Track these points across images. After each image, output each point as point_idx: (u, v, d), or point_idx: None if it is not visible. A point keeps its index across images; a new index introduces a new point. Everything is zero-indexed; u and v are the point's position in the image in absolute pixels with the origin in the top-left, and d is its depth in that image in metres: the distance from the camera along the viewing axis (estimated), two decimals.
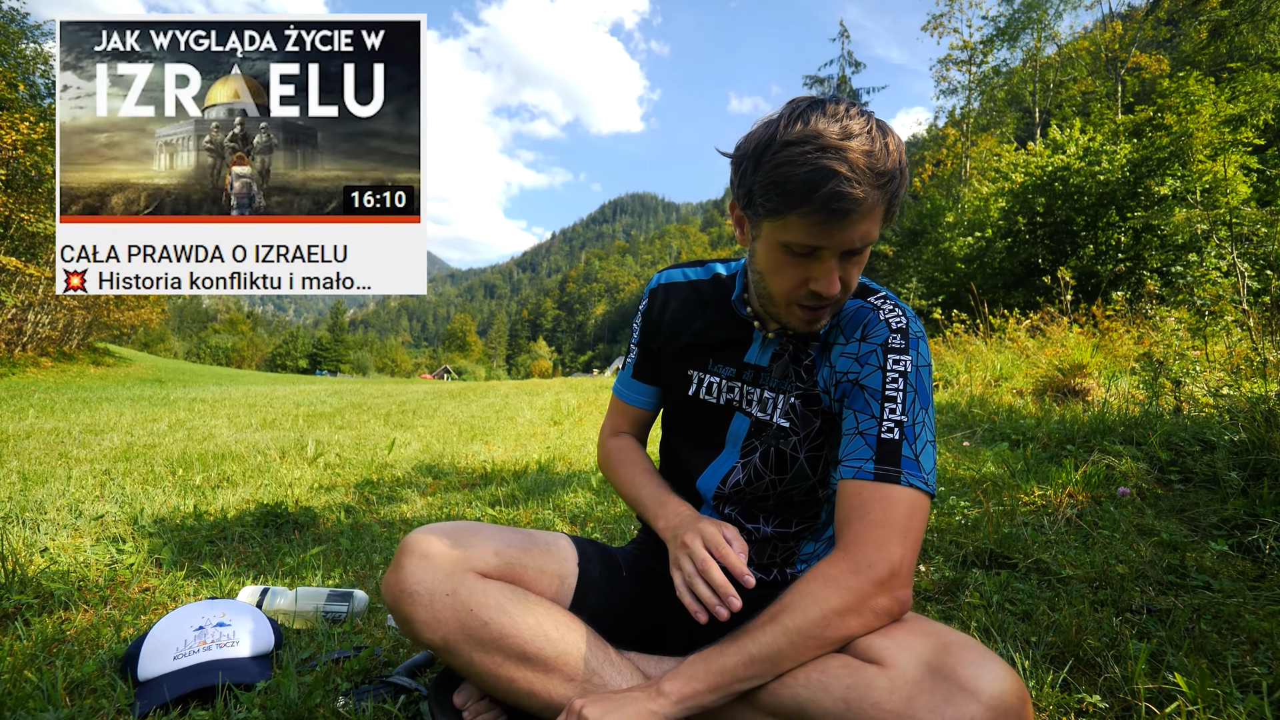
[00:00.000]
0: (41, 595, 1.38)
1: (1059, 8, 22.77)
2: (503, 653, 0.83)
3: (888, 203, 0.79)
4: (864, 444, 0.84)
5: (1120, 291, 9.35)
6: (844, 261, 0.82)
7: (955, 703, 0.66)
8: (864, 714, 0.70)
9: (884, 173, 0.76)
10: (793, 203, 0.77)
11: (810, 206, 0.76)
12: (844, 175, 0.74)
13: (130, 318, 18.56)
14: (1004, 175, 13.98)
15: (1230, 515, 1.73)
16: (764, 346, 0.99)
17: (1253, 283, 5.03)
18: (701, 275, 1.08)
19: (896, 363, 0.86)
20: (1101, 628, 1.20)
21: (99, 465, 3.06)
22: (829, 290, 0.82)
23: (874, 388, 0.86)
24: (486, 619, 0.84)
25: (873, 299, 0.93)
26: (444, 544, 0.88)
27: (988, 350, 5.94)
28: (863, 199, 0.75)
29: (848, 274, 0.84)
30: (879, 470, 0.81)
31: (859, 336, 0.90)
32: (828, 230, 0.78)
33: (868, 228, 0.79)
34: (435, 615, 0.84)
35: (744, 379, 1.00)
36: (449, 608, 0.84)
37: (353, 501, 2.46)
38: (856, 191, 0.74)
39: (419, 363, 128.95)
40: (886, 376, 0.86)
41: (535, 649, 0.84)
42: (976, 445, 3.10)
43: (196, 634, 1.06)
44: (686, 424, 1.08)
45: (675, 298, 1.08)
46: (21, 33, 13.94)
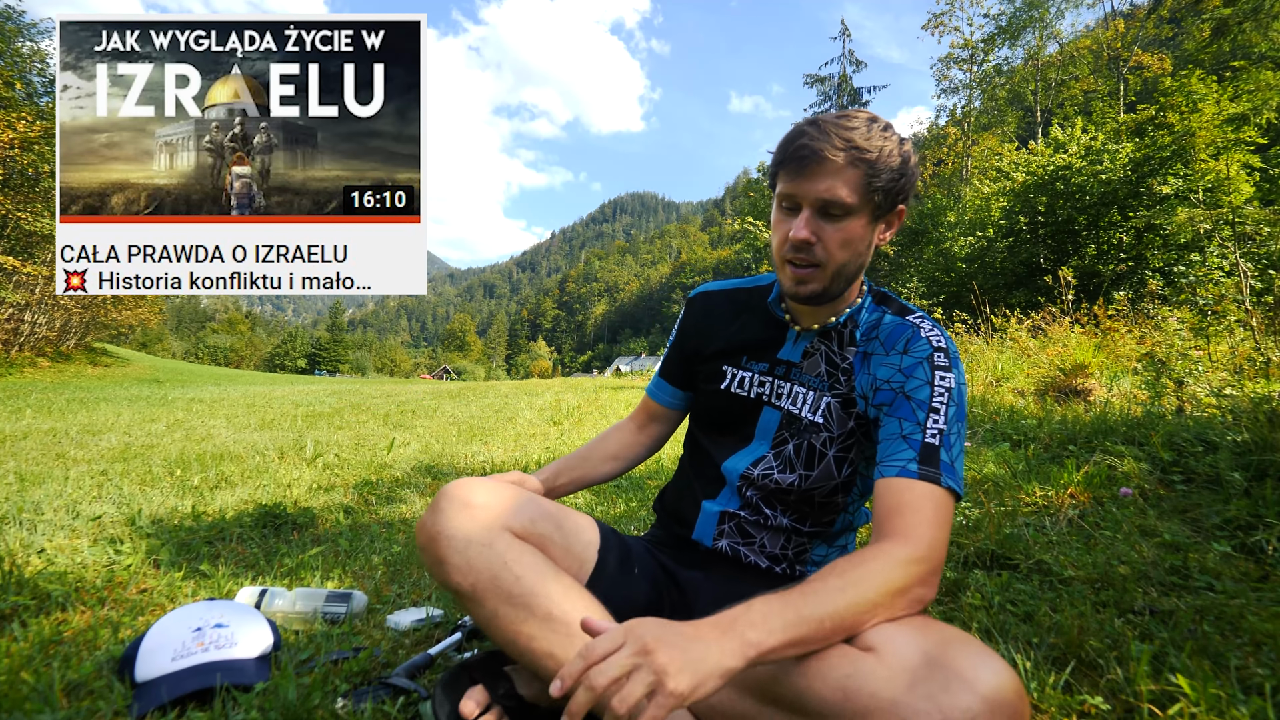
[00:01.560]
0: (39, 596, 1.38)
1: (1060, 6, 22.77)
2: (529, 610, 0.85)
3: (866, 177, 0.89)
4: (907, 446, 0.89)
5: (1122, 291, 9.35)
6: (820, 221, 0.92)
7: (952, 692, 0.66)
8: (861, 703, 0.70)
9: (857, 146, 0.88)
10: (778, 160, 0.94)
11: (784, 157, 0.92)
12: (810, 133, 0.90)
13: (128, 318, 18.55)
14: (1005, 174, 13.98)
15: (1233, 516, 1.73)
16: (796, 343, 1.06)
17: (1255, 282, 5.02)
18: (740, 284, 1.17)
19: (943, 379, 0.93)
20: (1103, 629, 1.19)
21: (96, 466, 3.06)
22: (798, 234, 0.91)
23: (921, 399, 0.92)
24: (519, 574, 0.86)
25: (911, 318, 1.01)
26: (486, 498, 0.91)
27: (989, 350, 5.93)
28: (821, 151, 0.88)
29: (824, 234, 0.92)
30: (923, 470, 0.86)
31: (900, 350, 0.97)
32: (798, 180, 0.91)
33: (833, 184, 0.89)
34: (469, 562, 0.86)
35: (776, 374, 1.06)
36: (484, 558, 0.86)
37: (351, 502, 2.46)
38: (817, 145, 0.89)
39: (418, 363, 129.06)
40: (934, 390, 0.92)
41: (561, 612, 0.85)
42: (978, 445, 3.10)
43: (194, 635, 1.05)
44: (718, 416, 1.12)
45: (711, 304, 1.17)
46: (18, 30, 13.95)
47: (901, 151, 0.92)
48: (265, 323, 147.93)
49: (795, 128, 0.93)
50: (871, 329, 1.02)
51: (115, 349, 23.93)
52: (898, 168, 0.91)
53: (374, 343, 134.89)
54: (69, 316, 16.74)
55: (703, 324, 1.16)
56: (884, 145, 0.90)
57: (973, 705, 0.65)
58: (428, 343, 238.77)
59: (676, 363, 1.20)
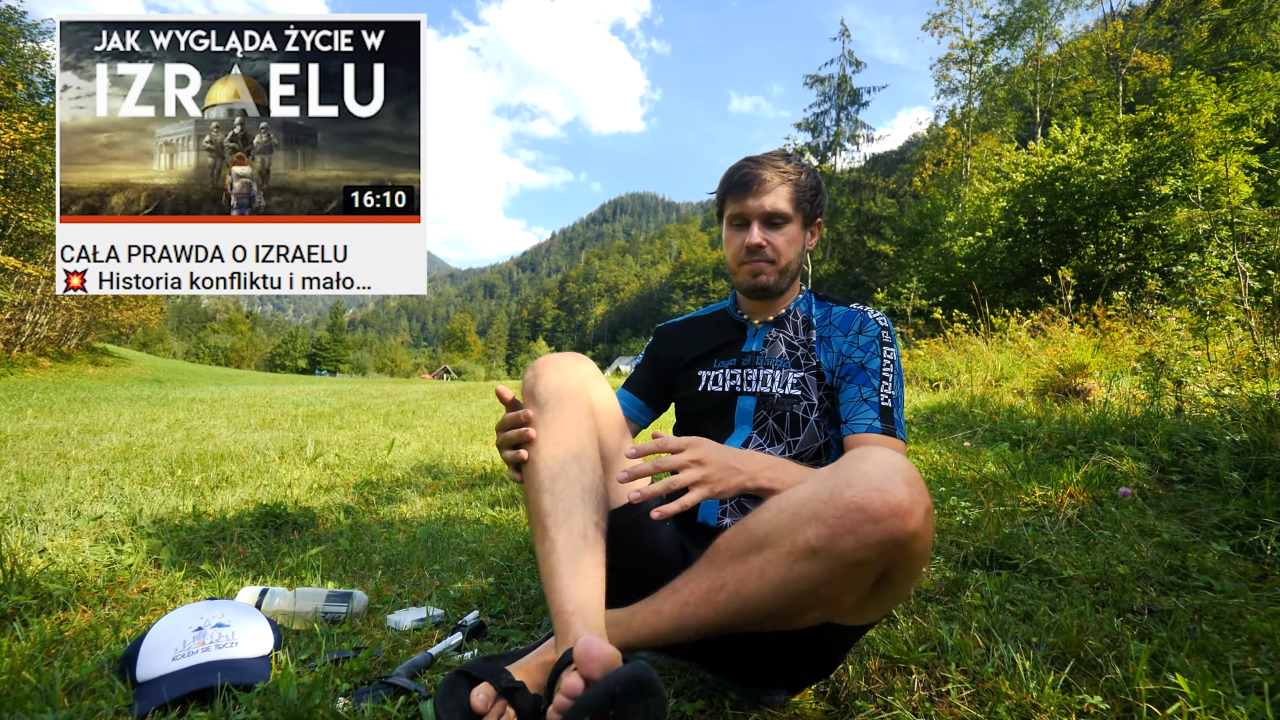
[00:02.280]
0: (40, 596, 1.38)
1: (1060, 7, 22.77)
2: (587, 439, 1.01)
3: (796, 193, 1.19)
4: (869, 408, 1.11)
5: (1121, 291, 9.35)
6: (767, 230, 1.19)
7: (855, 486, 0.76)
8: (776, 527, 0.80)
9: (785, 170, 1.19)
10: (725, 188, 1.23)
11: (732, 184, 1.21)
12: (749, 165, 1.20)
13: (129, 318, 18.53)
14: (1005, 175, 13.99)
15: (1232, 516, 1.73)
16: (756, 335, 1.27)
17: (1254, 282, 5.03)
18: (698, 313, 1.40)
19: (889, 353, 1.17)
20: (1103, 628, 1.20)
21: (97, 465, 3.06)
22: (751, 240, 1.18)
23: (874, 369, 1.14)
24: (593, 409, 1.05)
25: (854, 306, 1.25)
26: (577, 372, 1.08)
27: (988, 350, 5.94)
28: (760, 175, 1.18)
29: (772, 239, 1.19)
30: (884, 426, 1.09)
31: (856, 330, 1.20)
32: (744, 199, 1.19)
33: (774, 200, 1.17)
34: (564, 378, 1.04)
35: (743, 364, 1.24)
36: (577, 378, 1.05)
37: (352, 502, 2.46)
38: (757, 171, 1.18)
39: (418, 363, 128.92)
40: (884, 362, 1.15)
41: (600, 457, 1.02)
42: (977, 445, 3.10)
43: (195, 634, 1.06)
44: (700, 415, 1.27)
45: (678, 329, 1.39)
46: (19, 31, 13.92)
47: (814, 175, 1.24)
48: (266, 323, 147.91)
49: (737, 163, 1.22)
50: (826, 317, 1.25)
51: (116, 349, 23.92)
52: (815, 186, 1.22)
53: (374, 343, 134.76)
54: (70, 316, 16.73)
55: (674, 343, 1.36)
56: (801, 171, 1.21)
57: (871, 498, 0.74)
58: (428, 343, 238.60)
59: (648, 380, 1.36)
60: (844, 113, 26.69)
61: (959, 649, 1.13)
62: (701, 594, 0.84)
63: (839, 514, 0.74)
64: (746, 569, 0.81)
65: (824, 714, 1.00)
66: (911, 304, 14.88)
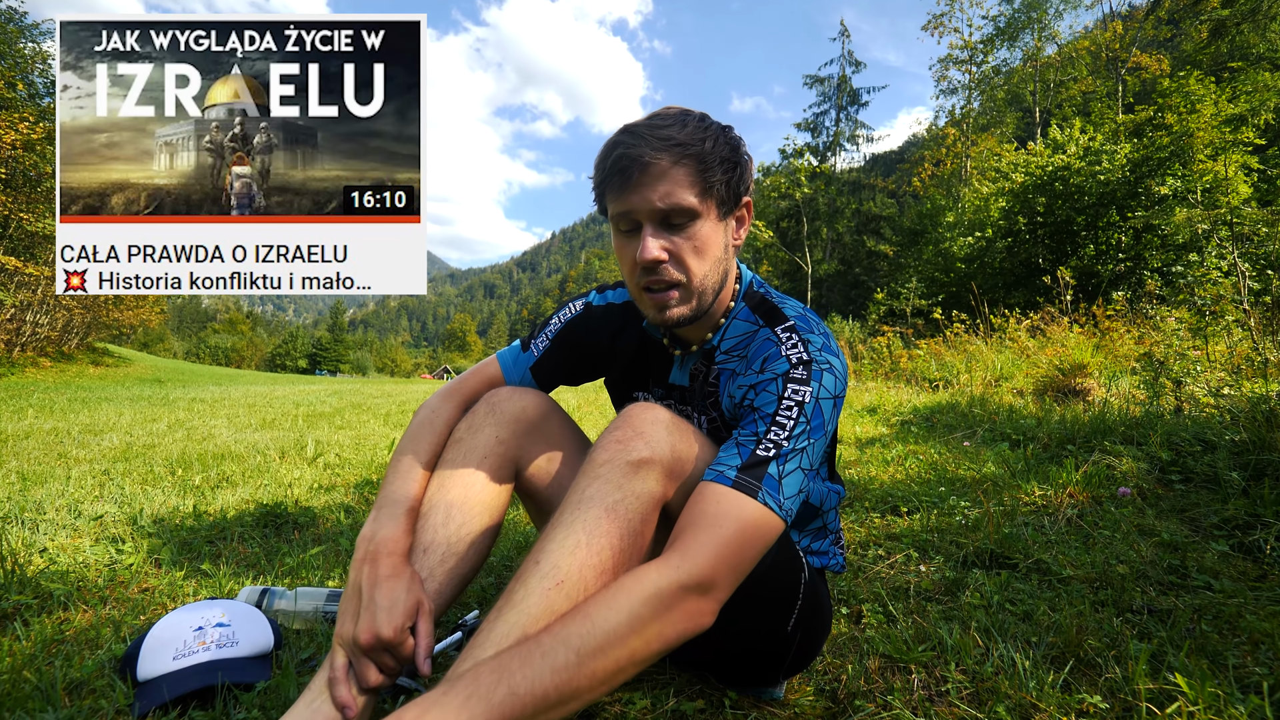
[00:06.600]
0: (40, 595, 1.38)
1: (1059, 7, 22.78)
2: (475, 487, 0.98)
3: (698, 172, 0.83)
4: (736, 453, 0.81)
5: (1121, 291, 9.36)
6: (666, 235, 0.85)
7: (632, 448, 0.78)
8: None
9: (677, 142, 0.81)
10: (600, 178, 0.87)
11: (606, 173, 0.85)
12: (626, 141, 0.82)
13: (129, 318, 18.55)
14: (1004, 175, 13.99)
15: (1231, 515, 1.73)
16: (682, 366, 1.03)
17: (1253, 283, 5.02)
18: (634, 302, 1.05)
19: (796, 392, 0.84)
20: (1102, 628, 1.20)
21: (98, 465, 3.06)
22: (644, 255, 0.83)
23: (766, 411, 0.84)
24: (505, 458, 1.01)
25: (779, 329, 0.91)
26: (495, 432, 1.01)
27: (988, 350, 5.94)
28: (641, 157, 0.81)
29: (674, 248, 0.85)
30: (740, 479, 0.78)
31: (758, 369, 0.89)
32: (626, 194, 0.83)
33: (668, 189, 0.82)
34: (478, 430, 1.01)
35: (673, 396, 1.06)
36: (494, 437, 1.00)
37: (352, 501, 2.46)
38: (636, 152, 0.81)
39: (419, 363, 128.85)
40: (781, 404, 0.83)
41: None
42: (977, 445, 3.10)
43: (196, 634, 1.06)
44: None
45: (605, 326, 1.11)
46: (20, 32, 13.92)
47: (728, 138, 0.86)
48: (266, 323, 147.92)
49: (609, 139, 0.85)
50: (740, 344, 0.96)
51: (117, 349, 23.92)
52: (729, 157, 0.85)
53: (375, 343, 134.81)
54: (70, 317, 16.73)
55: (602, 342, 1.12)
56: (704, 136, 0.83)
57: (644, 452, 0.79)
58: (428, 343, 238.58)
59: (557, 368, 1.13)
60: (844, 113, 26.74)
61: (958, 648, 1.13)
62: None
63: None
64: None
65: (824, 712, 1.00)
66: (911, 304, 14.89)
